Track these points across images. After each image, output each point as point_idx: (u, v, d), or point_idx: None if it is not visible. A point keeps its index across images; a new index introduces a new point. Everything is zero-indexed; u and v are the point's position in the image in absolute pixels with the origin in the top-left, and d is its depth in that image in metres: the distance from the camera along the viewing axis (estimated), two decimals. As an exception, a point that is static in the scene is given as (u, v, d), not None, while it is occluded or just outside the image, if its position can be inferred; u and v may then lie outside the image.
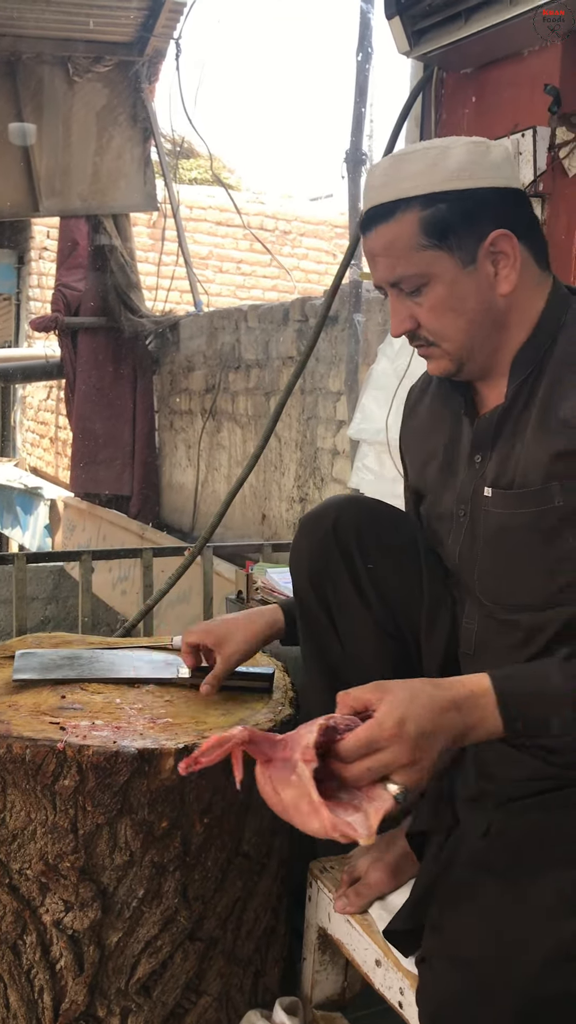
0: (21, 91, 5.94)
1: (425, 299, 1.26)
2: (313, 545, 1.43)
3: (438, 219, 1.23)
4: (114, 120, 6.08)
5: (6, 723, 1.45)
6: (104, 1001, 1.44)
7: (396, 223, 1.25)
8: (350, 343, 3.42)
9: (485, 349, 1.29)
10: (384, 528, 1.44)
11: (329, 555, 1.41)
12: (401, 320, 1.30)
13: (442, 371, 1.33)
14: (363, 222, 1.30)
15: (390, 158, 1.31)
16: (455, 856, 1.24)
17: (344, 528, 1.42)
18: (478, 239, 1.24)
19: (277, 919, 1.64)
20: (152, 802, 1.39)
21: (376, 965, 1.40)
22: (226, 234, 10.38)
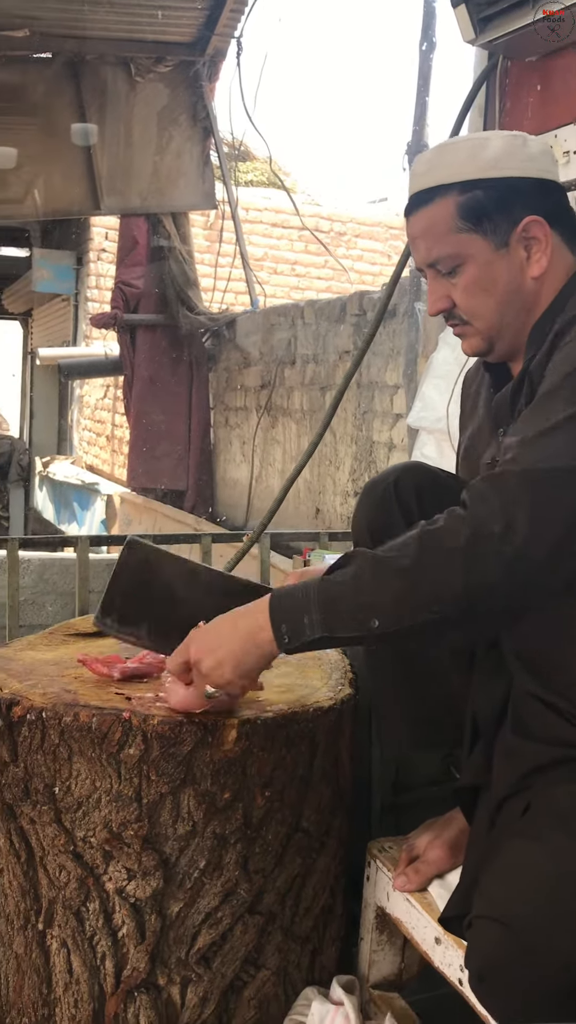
0: (84, 92, 6.04)
1: (460, 279, 1.34)
2: (374, 502, 1.47)
3: (474, 204, 1.32)
4: (174, 120, 6.15)
5: (73, 693, 1.48)
6: (165, 970, 1.46)
7: (435, 207, 1.34)
8: (410, 333, 3.42)
9: (514, 329, 1.36)
10: (445, 491, 1.46)
11: (390, 511, 1.45)
12: (437, 299, 1.38)
13: (474, 349, 1.41)
14: (407, 207, 1.40)
15: (434, 148, 1.42)
16: (502, 827, 1.26)
17: (405, 487, 1.46)
18: (511, 224, 1.32)
19: (335, 899, 1.65)
20: (215, 773, 1.40)
21: (436, 943, 1.40)
22: (281, 235, 10.43)
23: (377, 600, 1.17)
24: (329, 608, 1.19)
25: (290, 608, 1.22)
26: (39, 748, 1.43)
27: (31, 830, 1.47)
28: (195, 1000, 1.47)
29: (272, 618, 1.24)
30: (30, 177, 6.36)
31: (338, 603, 1.19)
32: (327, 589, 1.20)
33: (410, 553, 1.16)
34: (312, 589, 1.21)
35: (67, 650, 1.78)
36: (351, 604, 1.19)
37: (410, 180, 1.40)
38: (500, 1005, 1.10)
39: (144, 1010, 1.45)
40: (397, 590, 1.16)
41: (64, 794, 1.43)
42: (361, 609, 1.18)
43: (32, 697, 1.46)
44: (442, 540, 1.15)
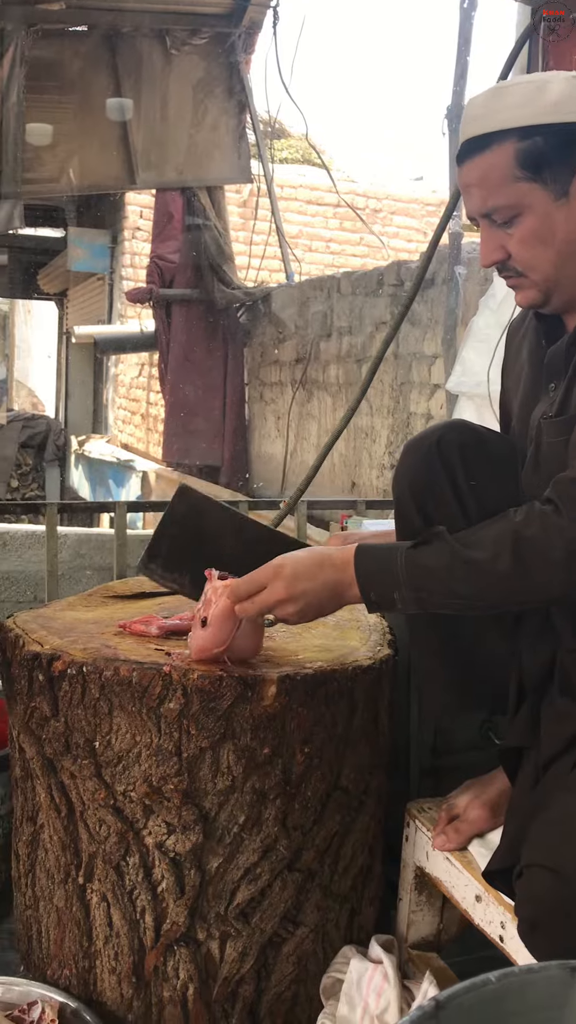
0: (120, 66, 6.02)
1: (516, 230, 1.30)
2: (416, 460, 1.44)
3: (534, 151, 1.26)
4: (210, 92, 6.11)
5: (113, 648, 1.49)
6: (204, 925, 1.46)
7: (492, 154, 1.28)
8: (449, 298, 3.37)
9: (572, 280, 1.32)
10: (488, 449, 1.44)
11: (432, 469, 1.42)
12: (491, 250, 1.33)
13: (529, 302, 1.36)
14: (460, 153, 1.33)
15: (490, 90, 1.34)
16: (549, 783, 1.24)
17: (448, 445, 1.42)
18: (572, 173, 1.27)
19: (373, 859, 1.64)
20: (254, 728, 1.40)
21: (476, 901, 1.39)
22: (316, 213, 10.36)
23: (473, 595, 1.23)
24: (421, 591, 1.24)
25: (380, 580, 1.27)
26: (80, 703, 1.43)
27: (71, 785, 1.47)
28: (234, 955, 1.47)
29: (361, 583, 1.28)
30: (66, 153, 6.35)
31: (430, 589, 1.24)
32: (417, 573, 1.24)
33: (505, 558, 1.19)
34: (399, 566, 1.25)
35: (106, 611, 1.78)
36: (443, 592, 1.24)
37: (463, 124, 1.34)
38: (552, 953, 1.08)
39: (183, 964, 1.46)
40: (493, 591, 1.21)
41: (104, 748, 1.43)
42: (454, 597, 1.24)
43: (73, 652, 1.46)
44: (540, 550, 1.18)
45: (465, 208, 1.38)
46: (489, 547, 1.20)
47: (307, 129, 6.64)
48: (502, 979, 0.65)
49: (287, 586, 1.29)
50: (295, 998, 1.54)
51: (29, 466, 11.30)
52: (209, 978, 1.47)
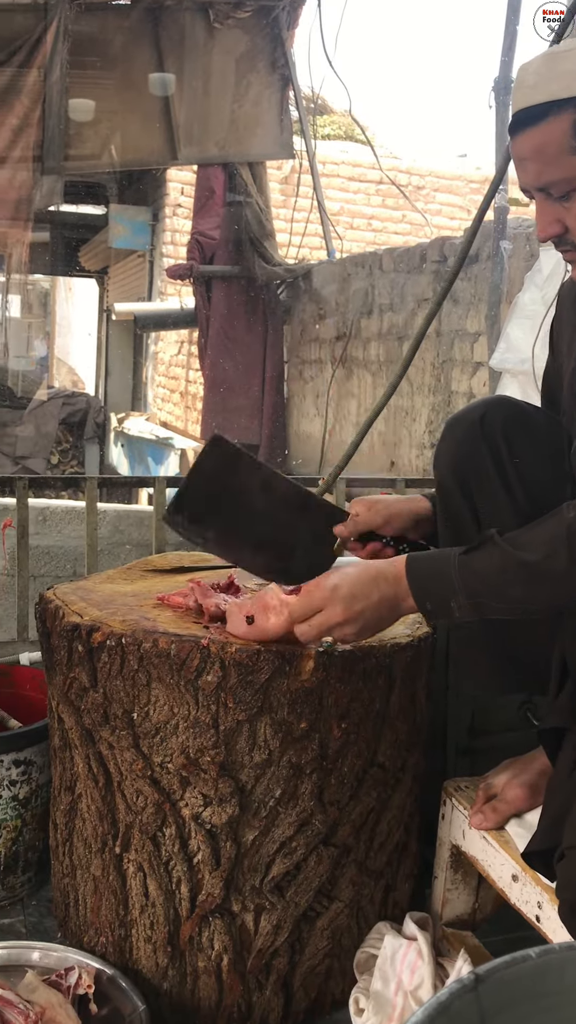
0: (162, 41, 5.98)
1: (574, 204, 1.25)
2: (459, 436, 1.42)
3: None
4: (253, 67, 6.05)
5: (152, 620, 1.49)
6: (239, 897, 1.47)
7: (547, 126, 1.23)
8: (494, 274, 3.32)
9: None
10: (532, 426, 1.41)
11: (475, 446, 1.40)
12: (548, 224, 1.29)
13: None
14: (512, 124, 1.28)
15: (543, 56, 1.28)
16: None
17: (491, 422, 1.40)
18: None
19: (409, 836, 1.64)
20: (292, 702, 1.40)
21: (513, 880, 1.38)
22: (358, 190, 10.26)
23: (529, 598, 1.21)
24: (477, 598, 1.23)
25: (435, 590, 1.25)
26: (118, 674, 1.44)
27: (109, 755, 1.48)
28: (268, 927, 1.48)
29: (416, 595, 1.26)
30: (108, 129, 6.33)
31: (486, 595, 1.23)
32: (472, 580, 1.22)
33: (561, 557, 1.16)
34: (453, 572, 1.23)
35: (145, 584, 1.79)
36: (499, 596, 1.22)
37: (515, 92, 1.29)
38: None
39: (218, 935, 1.47)
40: (550, 592, 1.20)
41: (142, 720, 1.44)
42: (511, 602, 1.22)
43: (112, 624, 1.47)
44: None
45: (519, 180, 1.33)
46: (543, 547, 1.17)
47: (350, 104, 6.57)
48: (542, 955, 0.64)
49: (345, 608, 1.28)
50: (328, 972, 1.54)
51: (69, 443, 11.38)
52: (243, 949, 1.48)
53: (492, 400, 1.47)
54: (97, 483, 2.35)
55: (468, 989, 0.59)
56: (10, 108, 5.73)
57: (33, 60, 5.72)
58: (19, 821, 1.79)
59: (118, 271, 12.08)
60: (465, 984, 0.59)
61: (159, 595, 1.63)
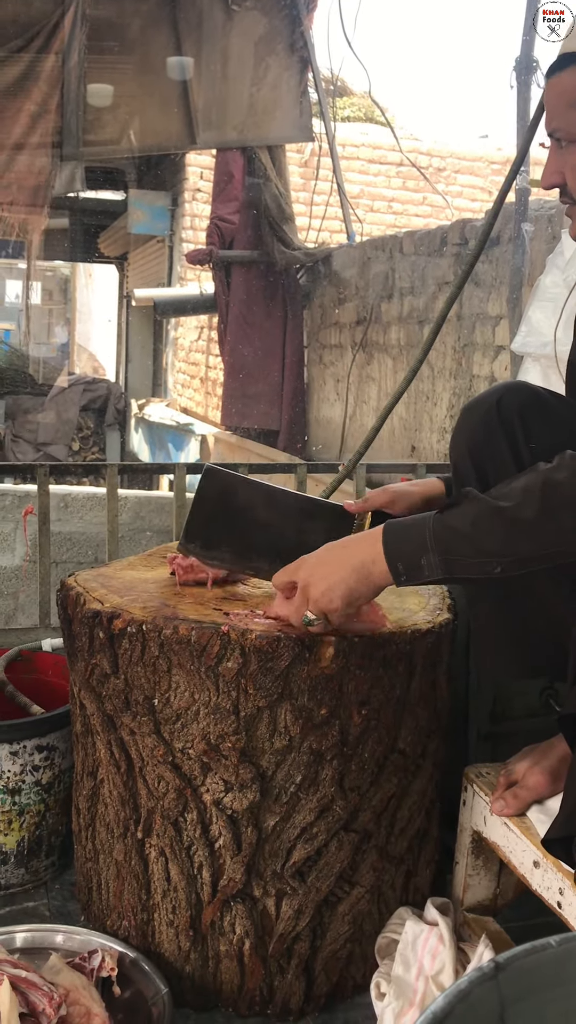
0: (180, 24, 5.95)
1: (572, 157, 1.29)
2: (475, 421, 1.42)
3: None
4: (271, 50, 6.01)
5: (172, 607, 1.49)
6: (260, 882, 1.47)
7: (566, 75, 1.28)
8: (515, 257, 3.29)
9: None
10: (549, 411, 1.41)
11: (491, 431, 1.40)
12: (551, 172, 1.33)
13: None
14: (551, 66, 1.33)
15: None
16: None
17: (508, 407, 1.40)
18: None
19: (430, 822, 1.64)
20: (312, 689, 1.40)
21: (534, 866, 1.38)
22: (378, 172, 10.19)
23: (501, 549, 1.18)
24: (449, 553, 1.20)
25: (407, 548, 1.23)
26: (139, 660, 1.44)
27: (131, 741, 1.49)
28: (290, 912, 1.48)
29: (387, 554, 1.25)
30: (126, 114, 6.31)
31: (458, 549, 1.20)
32: (444, 534, 1.20)
33: (532, 504, 1.14)
34: (428, 530, 1.21)
35: (165, 570, 1.79)
36: (472, 550, 1.19)
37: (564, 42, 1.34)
38: None
39: (240, 919, 1.48)
40: (521, 542, 1.17)
41: (163, 706, 1.44)
42: (482, 555, 1.19)
43: (133, 611, 1.47)
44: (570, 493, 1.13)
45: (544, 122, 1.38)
46: (517, 495, 1.16)
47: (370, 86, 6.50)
48: (563, 943, 0.64)
49: (312, 568, 1.31)
50: (350, 956, 1.55)
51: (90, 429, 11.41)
52: (265, 934, 1.49)
53: (509, 385, 1.47)
54: (117, 470, 2.36)
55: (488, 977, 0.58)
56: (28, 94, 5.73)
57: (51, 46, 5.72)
58: (42, 806, 1.80)
59: (137, 257, 12.07)
60: (485, 972, 0.59)
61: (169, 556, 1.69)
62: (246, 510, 1.56)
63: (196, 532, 1.56)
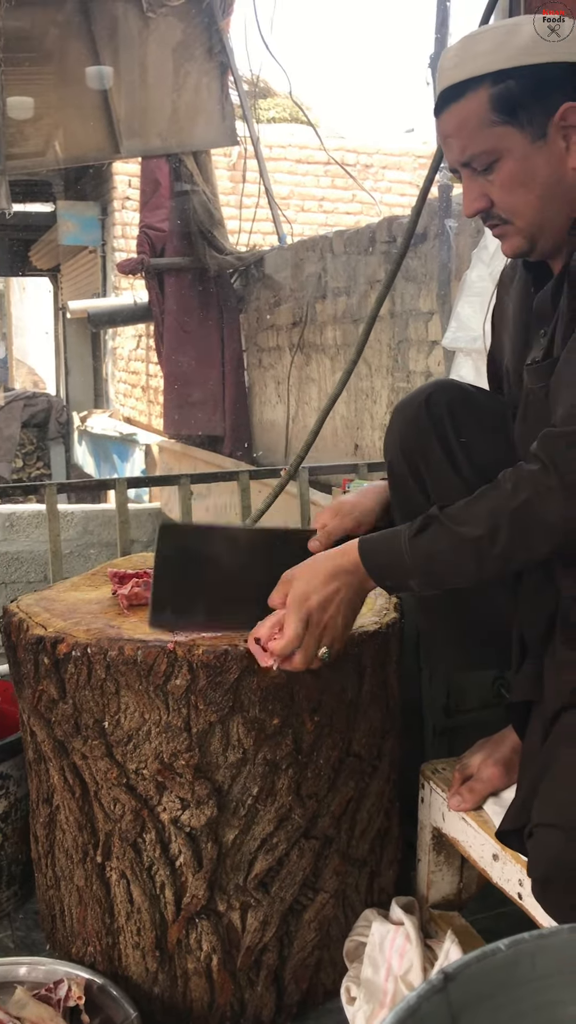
0: (96, 33, 5.89)
1: (496, 176, 1.28)
2: (406, 420, 1.44)
3: (507, 95, 1.24)
4: (190, 55, 5.99)
5: (116, 628, 1.48)
6: (224, 896, 1.47)
7: (466, 102, 1.26)
8: (441, 253, 3.32)
9: (556, 224, 1.29)
10: (477, 406, 1.43)
11: (422, 429, 1.42)
12: (474, 199, 1.31)
13: (516, 250, 1.34)
14: (436, 105, 1.32)
15: (462, 40, 1.32)
16: (557, 737, 1.23)
17: (436, 403, 1.42)
18: (548, 113, 1.25)
19: (390, 821, 1.65)
20: (263, 700, 1.39)
21: (493, 859, 1.39)
22: (306, 172, 10.22)
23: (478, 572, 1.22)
24: (431, 575, 1.25)
25: (392, 573, 1.27)
26: (86, 684, 1.43)
27: (84, 765, 1.48)
28: (255, 924, 1.48)
29: (375, 578, 1.28)
30: (48, 126, 6.25)
31: (439, 572, 1.24)
32: (423, 563, 1.24)
33: (503, 531, 1.17)
34: (405, 557, 1.24)
35: (109, 589, 1.77)
36: (452, 572, 1.24)
37: (438, 76, 1.31)
38: (566, 910, 1.09)
39: (206, 935, 1.47)
40: (497, 563, 1.21)
41: (114, 728, 1.43)
42: (463, 575, 1.24)
43: (76, 634, 1.45)
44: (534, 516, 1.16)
45: (446, 160, 1.36)
46: (485, 522, 1.18)
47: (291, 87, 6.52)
48: (512, 946, 0.64)
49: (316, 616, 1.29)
50: (319, 963, 1.55)
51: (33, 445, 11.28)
52: (232, 948, 1.48)
53: (436, 383, 1.50)
54: (56, 489, 2.33)
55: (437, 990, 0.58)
56: (-54, 110, 5.64)
57: (-34, 60, 5.63)
58: (0, 836, 1.77)
59: (71, 268, 11.97)
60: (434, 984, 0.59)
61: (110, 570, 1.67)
62: (211, 561, 1.44)
63: (164, 600, 1.42)
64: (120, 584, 1.62)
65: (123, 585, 1.61)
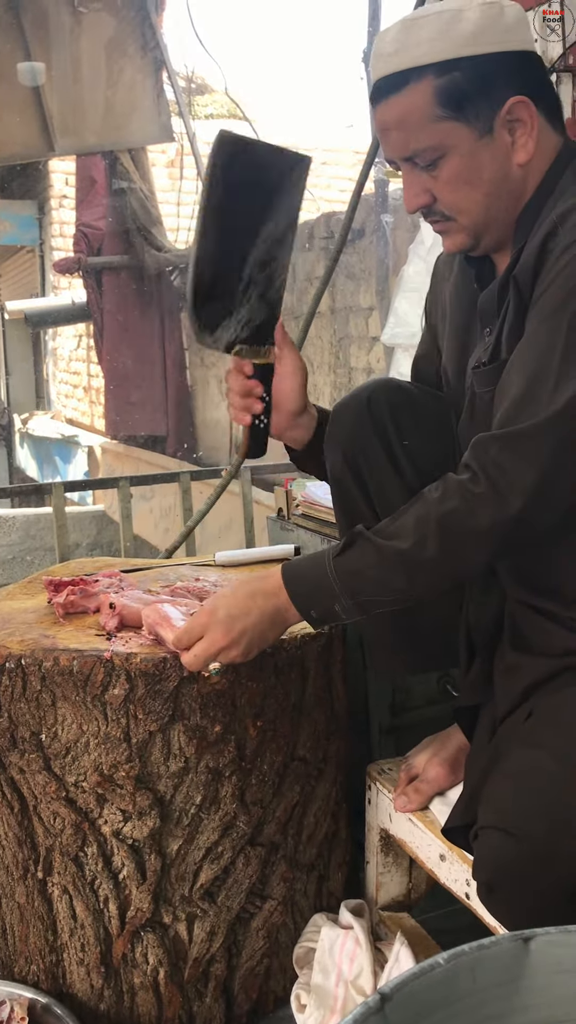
0: (27, 28, 5.79)
1: (441, 172, 1.22)
2: (347, 421, 1.39)
3: (453, 88, 1.18)
4: (123, 51, 5.91)
5: (51, 638, 1.44)
6: (169, 908, 1.44)
7: (409, 93, 1.19)
8: (379, 248, 3.31)
9: (501, 221, 1.25)
10: (418, 406, 1.40)
11: (363, 430, 1.37)
12: (416, 194, 1.25)
13: (459, 246, 1.30)
14: (373, 93, 1.24)
15: (400, 23, 1.24)
16: (504, 737, 1.23)
17: (378, 404, 1.37)
18: (494, 107, 1.19)
19: (338, 824, 1.63)
20: (203, 707, 1.37)
21: (440, 860, 1.38)
22: (246, 168, 10.18)
23: (408, 587, 1.19)
24: (359, 595, 1.21)
25: (316, 597, 1.23)
26: (21, 696, 1.39)
27: (21, 780, 1.43)
28: (202, 935, 1.45)
29: (298, 605, 1.24)
30: (-22, 124, 6.14)
31: (367, 591, 1.20)
32: (350, 580, 1.20)
33: (431, 542, 1.15)
34: (330, 577, 1.21)
35: (45, 597, 1.73)
36: (380, 591, 1.20)
37: (374, 62, 1.24)
38: (510, 914, 1.08)
39: (152, 948, 1.44)
40: (427, 577, 1.18)
41: (51, 740, 1.39)
42: (392, 593, 1.20)
43: (10, 645, 1.41)
44: (463, 525, 1.14)
45: (384, 152, 1.29)
46: (412, 534, 1.16)
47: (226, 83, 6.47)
48: (451, 960, 0.62)
49: (225, 631, 1.25)
50: (268, 971, 1.53)
51: (-26, 449, 11.09)
52: (179, 960, 1.45)
53: (377, 383, 1.45)
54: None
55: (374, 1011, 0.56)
56: None
57: None
58: None
59: (9, 268, 11.80)
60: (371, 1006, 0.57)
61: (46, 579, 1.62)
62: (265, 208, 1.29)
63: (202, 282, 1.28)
64: (55, 592, 1.58)
65: (58, 593, 1.56)
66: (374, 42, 1.29)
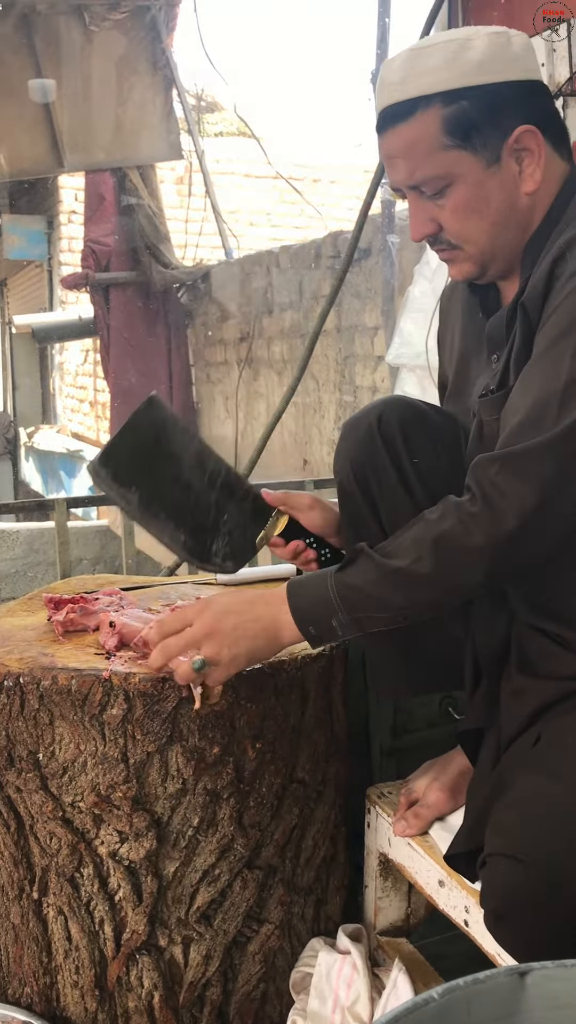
0: (38, 46, 5.85)
1: (448, 201, 1.22)
2: (357, 439, 1.39)
3: (461, 117, 1.18)
4: (134, 69, 5.96)
5: (50, 656, 1.43)
6: (165, 931, 1.42)
7: (416, 122, 1.20)
8: (384, 269, 3.32)
9: (508, 249, 1.26)
10: (429, 425, 1.39)
11: (373, 449, 1.37)
12: (422, 223, 1.26)
13: (465, 275, 1.30)
14: (379, 122, 1.25)
15: (407, 52, 1.24)
16: (511, 761, 1.21)
17: (388, 423, 1.37)
18: (502, 136, 1.20)
19: (336, 848, 1.61)
20: (202, 728, 1.36)
21: (440, 886, 1.37)
22: (254, 186, 10.24)
23: (405, 604, 1.19)
24: (356, 611, 1.20)
25: (315, 611, 1.22)
26: (19, 715, 1.38)
27: (18, 799, 1.42)
28: (198, 959, 1.43)
29: (297, 618, 1.23)
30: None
31: (364, 608, 1.20)
32: (348, 595, 1.20)
33: (426, 560, 1.15)
34: (330, 591, 1.21)
35: (46, 615, 1.72)
36: (377, 607, 1.20)
37: (380, 90, 1.24)
38: (520, 943, 1.06)
39: (147, 972, 1.42)
40: (422, 595, 1.18)
41: (49, 760, 1.38)
42: (389, 611, 1.20)
43: (8, 663, 1.40)
44: (458, 544, 1.14)
45: (389, 179, 1.30)
46: (410, 552, 1.16)
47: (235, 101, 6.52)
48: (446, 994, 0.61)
49: (214, 620, 1.24)
50: (264, 996, 1.51)
51: (-21, 462, 11.11)
52: (174, 984, 1.44)
53: (388, 401, 1.44)
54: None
55: (367, 1049, 0.55)
56: None
57: None
58: None
59: (17, 282, 11.86)
60: (364, 1044, 0.56)
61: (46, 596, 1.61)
62: (172, 458, 1.39)
63: (113, 459, 1.37)
64: (55, 610, 1.57)
65: (58, 611, 1.56)
66: (380, 71, 1.29)
